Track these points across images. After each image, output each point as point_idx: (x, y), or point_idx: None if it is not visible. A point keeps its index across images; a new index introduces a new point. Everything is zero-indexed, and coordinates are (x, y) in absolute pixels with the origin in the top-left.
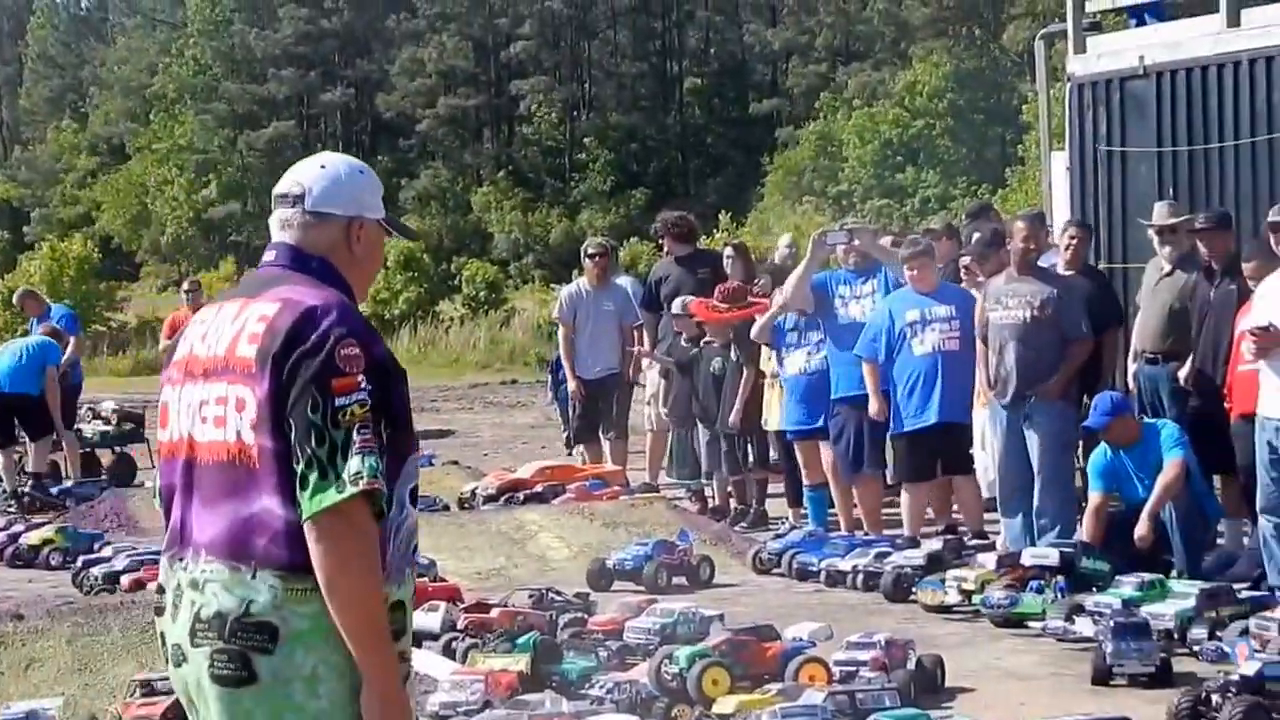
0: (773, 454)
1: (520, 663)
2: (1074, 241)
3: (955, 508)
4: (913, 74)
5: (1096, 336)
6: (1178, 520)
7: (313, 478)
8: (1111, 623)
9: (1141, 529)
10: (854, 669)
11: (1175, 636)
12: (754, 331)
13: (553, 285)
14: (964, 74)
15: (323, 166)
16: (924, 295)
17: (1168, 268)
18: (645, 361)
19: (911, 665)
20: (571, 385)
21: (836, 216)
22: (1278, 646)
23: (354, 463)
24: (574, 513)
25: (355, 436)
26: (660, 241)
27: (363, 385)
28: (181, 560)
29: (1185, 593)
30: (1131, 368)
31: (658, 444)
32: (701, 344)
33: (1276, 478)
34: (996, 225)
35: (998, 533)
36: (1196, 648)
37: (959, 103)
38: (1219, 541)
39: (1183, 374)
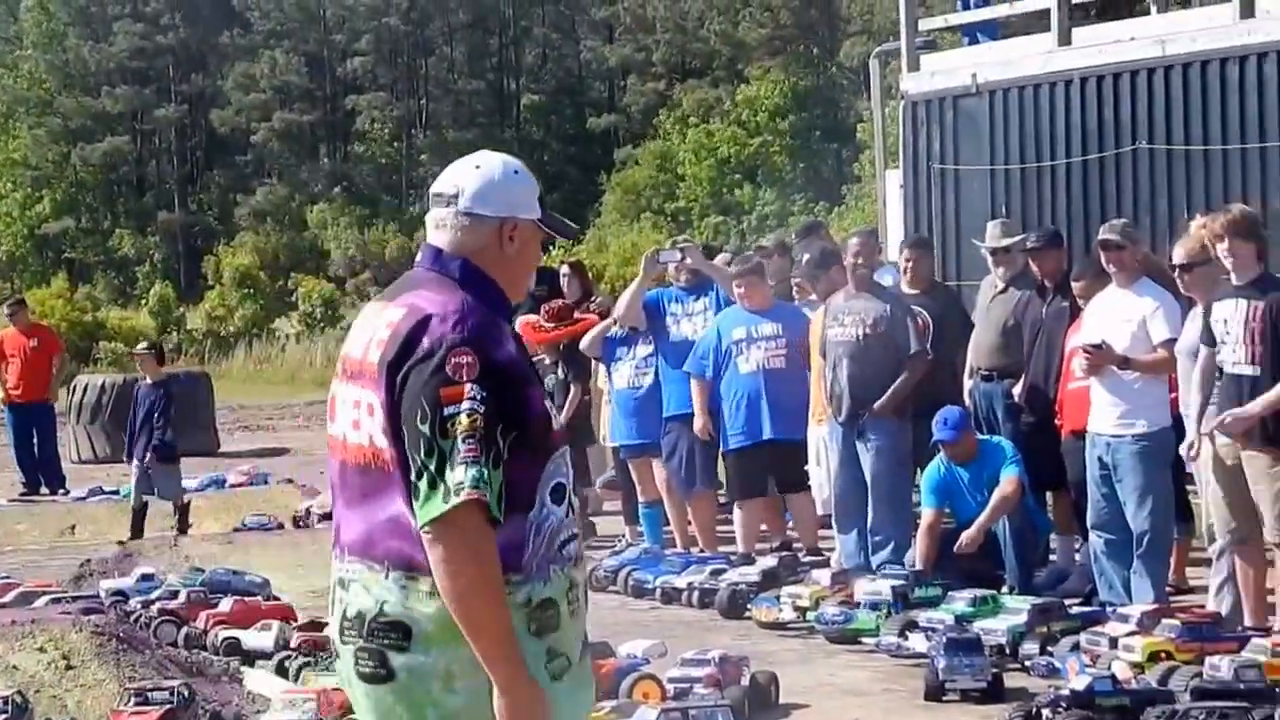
0: (609, 472)
1: None
2: (910, 262)
3: (790, 524)
4: (750, 92)
5: (946, 354)
6: (1010, 536)
7: (423, 488)
8: (944, 639)
9: (968, 534)
10: (688, 686)
11: (1007, 652)
12: (584, 343)
13: None
14: (801, 92)
15: (477, 167)
16: (752, 313)
17: (1001, 285)
18: None
19: (745, 682)
20: None
21: (674, 234)
22: (1108, 662)
23: (458, 473)
24: None
25: (461, 446)
26: None
27: (472, 394)
28: (336, 559)
29: (1017, 608)
30: (967, 384)
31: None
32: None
33: (1107, 494)
34: (826, 244)
35: (833, 549)
36: (1028, 663)
37: (796, 121)
38: (1050, 557)
39: (1016, 391)
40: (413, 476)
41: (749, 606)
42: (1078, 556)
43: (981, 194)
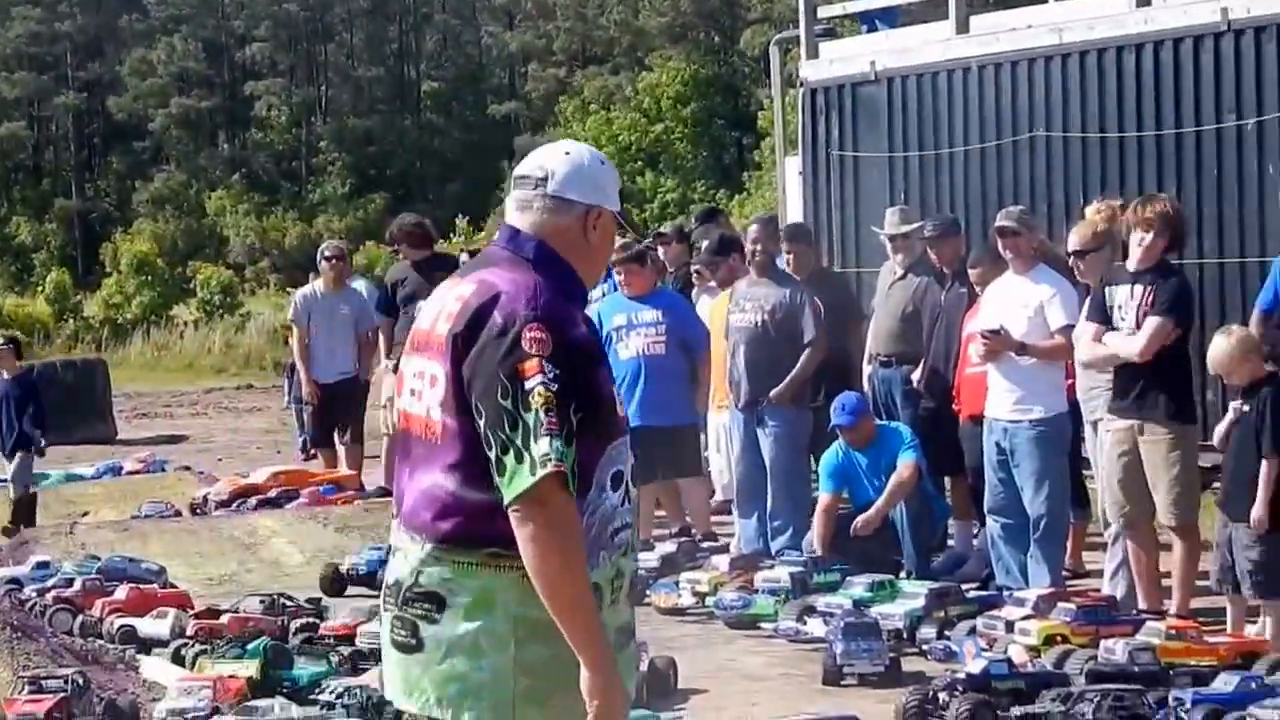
0: None
1: (250, 668)
2: (790, 254)
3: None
4: (651, 79)
5: (834, 341)
6: (908, 521)
7: (509, 463)
8: (842, 623)
9: (867, 517)
10: None
11: (904, 636)
12: None
13: (289, 290)
14: (702, 79)
15: (567, 153)
16: (632, 300)
17: (900, 272)
18: (381, 365)
19: (644, 667)
20: (307, 389)
21: None
22: (1004, 645)
23: (542, 444)
24: (308, 518)
25: (542, 418)
26: (396, 246)
27: (547, 369)
28: (393, 528)
29: (914, 593)
30: (866, 370)
31: (393, 448)
32: None
33: (1004, 479)
34: (724, 231)
35: (732, 534)
36: (925, 647)
37: (697, 108)
38: (948, 542)
39: (915, 376)
40: (494, 452)
41: (648, 592)
42: (975, 541)
43: (880, 181)
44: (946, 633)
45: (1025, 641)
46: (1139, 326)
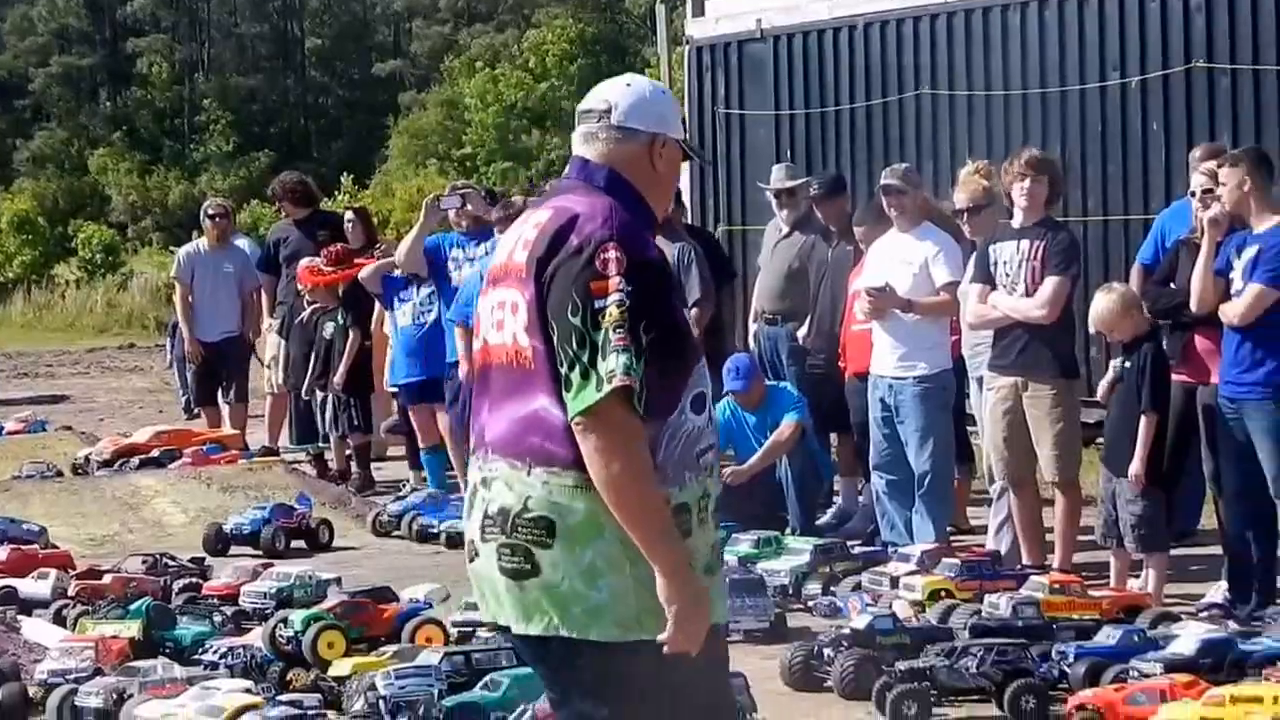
0: (392, 418)
1: (132, 629)
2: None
3: None
4: (537, 37)
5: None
6: (793, 478)
7: (575, 379)
8: (728, 580)
9: (736, 470)
10: (471, 630)
11: (790, 593)
12: (363, 274)
13: (171, 249)
14: (588, 37)
15: (629, 84)
16: None
17: (786, 229)
18: (265, 324)
19: None
20: (190, 348)
21: (460, 179)
22: (889, 601)
23: (610, 361)
24: (191, 477)
25: (612, 335)
26: (279, 204)
27: (621, 287)
28: (478, 461)
29: (800, 549)
30: (752, 328)
31: (277, 408)
32: (311, 307)
33: (889, 435)
34: None
35: None
36: (810, 603)
37: (584, 65)
38: (834, 499)
39: (801, 334)
40: (564, 369)
41: None
42: (861, 498)
43: (767, 139)
44: (832, 589)
45: (910, 597)
46: (1032, 283)
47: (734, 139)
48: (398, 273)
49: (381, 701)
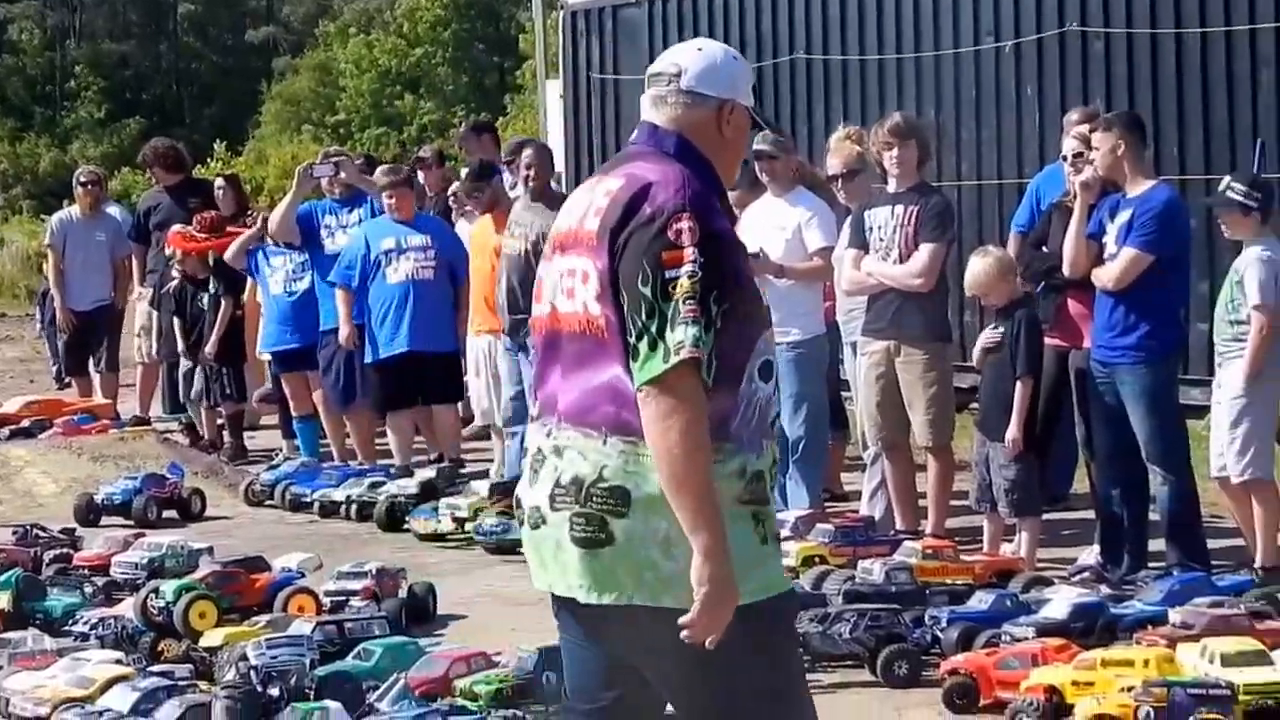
0: (265, 386)
1: (1, 600)
2: (530, 169)
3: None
4: (411, 3)
5: None
6: None
7: (643, 349)
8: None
9: None
10: (344, 599)
11: None
12: (228, 254)
13: (43, 216)
14: (462, 3)
15: (700, 49)
16: (401, 224)
17: None
18: (134, 294)
19: (403, 594)
20: (61, 316)
21: (334, 145)
22: None
23: (678, 332)
24: (61, 447)
25: (682, 307)
26: (150, 171)
27: (694, 258)
28: (546, 428)
29: None
30: None
31: (148, 377)
32: (180, 275)
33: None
34: (484, 157)
35: (489, 460)
36: None
37: (458, 31)
38: None
39: None
40: (632, 339)
41: (408, 519)
42: None
43: None
44: None
45: (784, 563)
46: (907, 248)
47: (609, 105)
48: (270, 244)
49: (253, 672)
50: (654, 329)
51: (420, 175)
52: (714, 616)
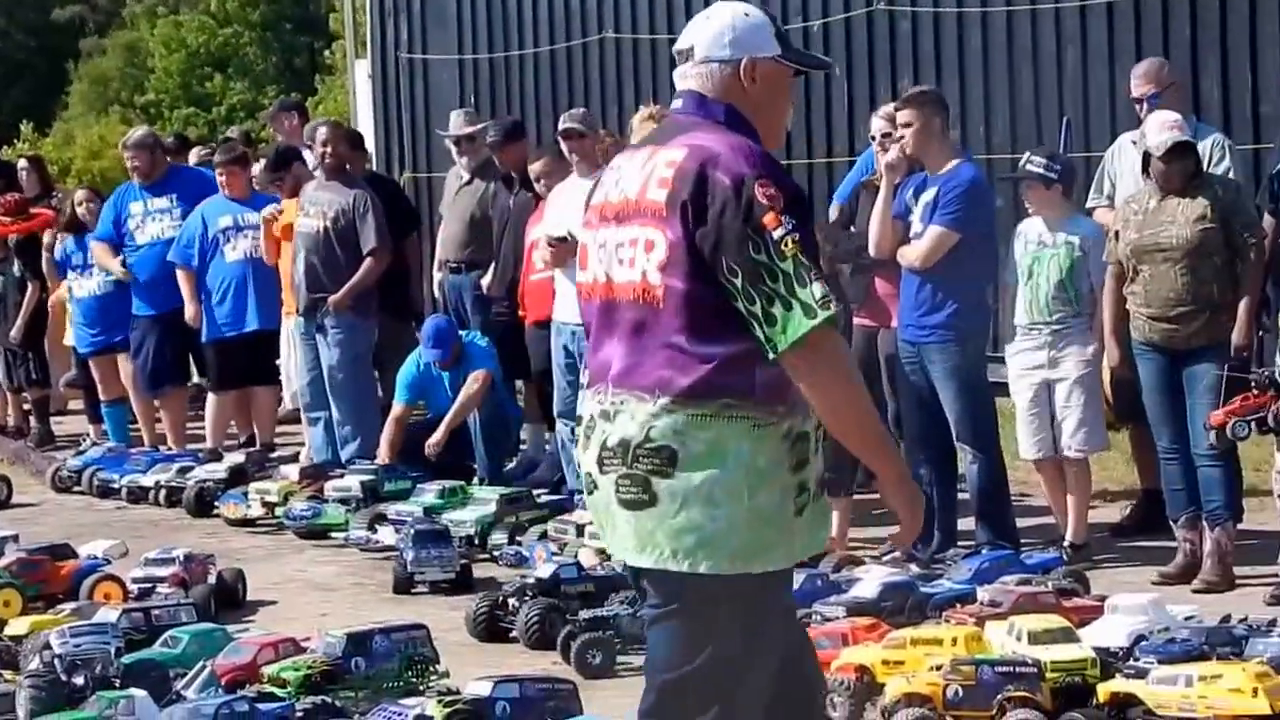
0: (72, 371)
1: None
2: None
3: None
4: None
5: (394, 246)
6: (480, 427)
7: (778, 313)
8: (412, 531)
9: (435, 438)
10: (151, 585)
11: (476, 542)
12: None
13: None
14: None
15: (707, 18)
16: (236, 202)
17: (466, 176)
18: None
19: (212, 580)
20: None
21: (143, 126)
22: (575, 549)
23: (813, 288)
24: None
25: (803, 263)
26: None
27: (786, 221)
28: (598, 394)
29: (486, 499)
30: (436, 277)
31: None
32: None
33: (573, 381)
34: (291, 138)
35: (300, 443)
36: (496, 553)
37: (266, 11)
38: (521, 447)
39: (485, 282)
40: (759, 306)
41: (217, 504)
42: (548, 446)
43: (450, 84)
44: (518, 538)
45: (595, 545)
46: None
47: (417, 84)
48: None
49: (57, 660)
50: (782, 290)
51: None
52: (911, 530)
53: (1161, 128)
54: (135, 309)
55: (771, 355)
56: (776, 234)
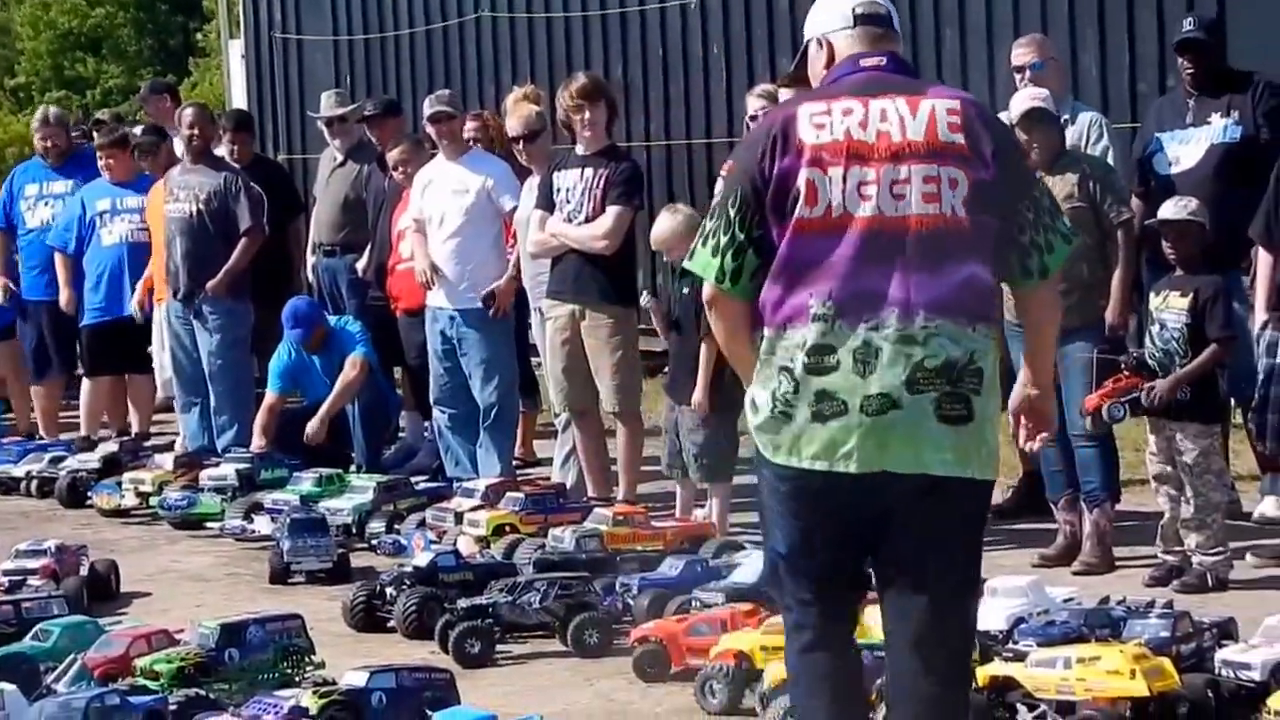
0: None
1: None
2: (234, 143)
3: None
4: None
5: (276, 230)
6: (359, 414)
7: (1055, 242)
8: (289, 520)
9: (313, 426)
10: (22, 578)
11: (353, 531)
12: None
13: None
14: None
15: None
16: (117, 185)
17: (340, 158)
18: None
19: (84, 571)
20: None
21: (13, 110)
22: (453, 537)
23: (1065, 219)
24: None
25: (1052, 197)
26: None
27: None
28: (869, 322)
29: (363, 487)
30: (311, 260)
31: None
32: None
33: (450, 368)
34: (162, 120)
35: (175, 433)
36: (374, 542)
37: None
38: (400, 435)
39: (360, 265)
40: (1044, 238)
41: (90, 494)
42: (426, 434)
43: (325, 65)
44: (396, 526)
45: (474, 533)
46: (594, 211)
47: (292, 65)
48: None
49: None
50: (1049, 220)
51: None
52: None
53: (1024, 100)
54: (24, 293)
55: (1035, 281)
56: (1038, 173)
